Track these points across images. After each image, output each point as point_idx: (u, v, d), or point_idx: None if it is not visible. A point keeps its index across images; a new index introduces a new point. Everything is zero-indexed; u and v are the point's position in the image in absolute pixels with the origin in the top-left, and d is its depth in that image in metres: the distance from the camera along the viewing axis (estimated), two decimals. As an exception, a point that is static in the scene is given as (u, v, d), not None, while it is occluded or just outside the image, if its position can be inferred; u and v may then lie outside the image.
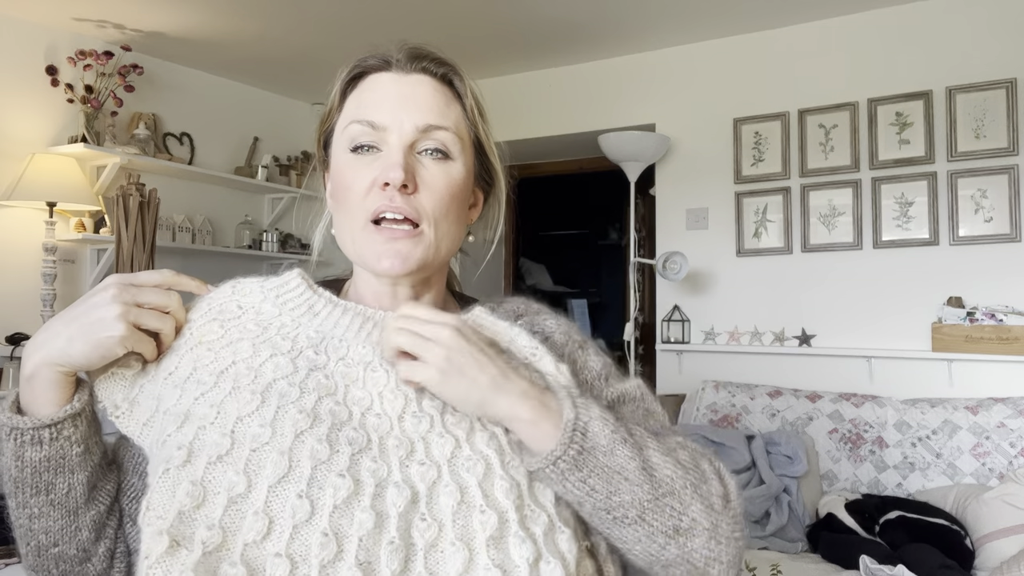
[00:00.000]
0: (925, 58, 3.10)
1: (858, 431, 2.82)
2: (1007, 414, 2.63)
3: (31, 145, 3.25)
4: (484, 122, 0.82)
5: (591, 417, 0.68)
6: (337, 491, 0.60)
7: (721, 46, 3.53)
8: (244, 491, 0.60)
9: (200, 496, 0.60)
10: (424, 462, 0.65)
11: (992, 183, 2.97)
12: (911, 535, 2.32)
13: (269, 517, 0.59)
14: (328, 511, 0.60)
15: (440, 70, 0.79)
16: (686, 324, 3.50)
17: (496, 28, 3.43)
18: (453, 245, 0.80)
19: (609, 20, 3.34)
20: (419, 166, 0.75)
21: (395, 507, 0.61)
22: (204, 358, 0.71)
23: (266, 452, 0.62)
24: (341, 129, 0.78)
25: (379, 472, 0.63)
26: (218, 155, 4.05)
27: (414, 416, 0.69)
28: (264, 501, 0.60)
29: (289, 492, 0.60)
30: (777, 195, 3.37)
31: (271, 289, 0.78)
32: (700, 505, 0.69)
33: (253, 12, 3.24)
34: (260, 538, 0.59)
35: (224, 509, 0.60)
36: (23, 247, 3.24)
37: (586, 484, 0.67)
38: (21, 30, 3.24)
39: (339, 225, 0.79)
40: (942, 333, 2.92)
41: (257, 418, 0.64)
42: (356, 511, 0.60)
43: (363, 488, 0.61)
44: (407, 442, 0.66)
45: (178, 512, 0.60)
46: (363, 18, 3.28)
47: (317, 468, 0.61)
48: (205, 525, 0.59)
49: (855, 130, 3.21)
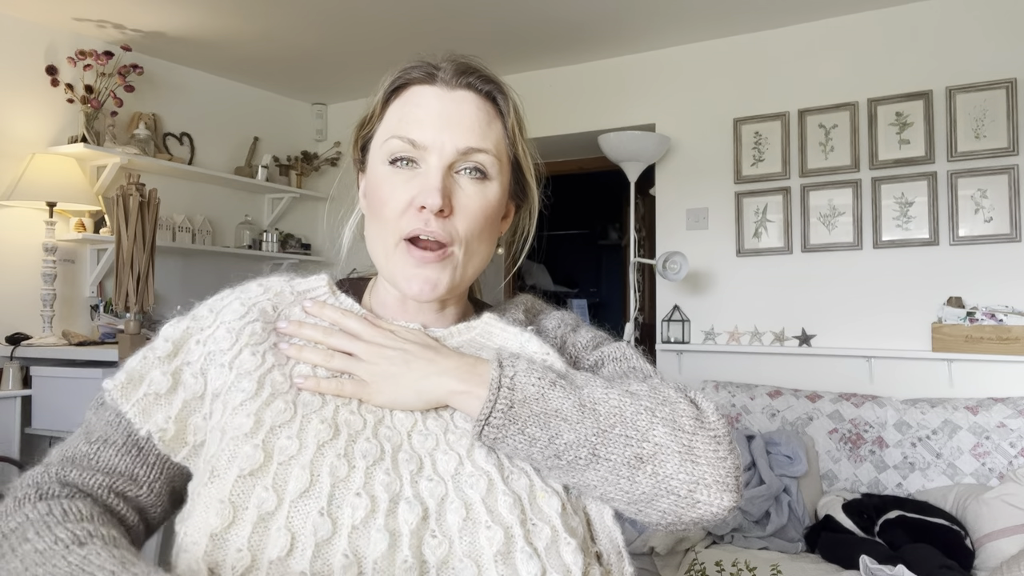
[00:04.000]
0: (925, 58, 3.10)
1: (858, 431, 2.82)
2: (1007, 414, 2.63)
3: (31, 145, 3.25)
4: (523, 139, 0.82)
5: (516, 370, 0.69)
6: (355, 511, 0.61)
7: (721, 46, 3.53)
8: (273, 509, 0.61)
9: (230, 515, 0.61)
10: (432, 478, 0.65)
11: (992, 183, 2.97)
12: (911, 535, 2.32)
13: (291, 532, 0.59)
14: (347, 531, 0.60)
15: (485, 87, 0.78)
16: (686, 324, 3.50)
17: (496, 28, 3.43)
18: (481, 263, 0.80)
19: (609, 20, 3.34)
20: (456, 187, 0.75)
21: (407, 524, 0.61)
22: (247, 363, 0.71)
23: (291, 466, 0.63)
24: (381, 141, 0.78)
25: (392, 486, 0.63)
26: (218, 155, 4.05)
27: (421, 434, 0.70)
28: (287, 516, 0.60)
29: (311, 508, 0.60)
30: (777, 195, 3.37)
31: (300, 293, 0.80)
32: (663, 428, 0.67)
33: (253, 12, 3.24)
34: (284, 554, 0.59)
35: (253, 527, 0.60)
36: (23, 247, 3.24)
37: (524, 434, 0.67)
38: (21, 30, 3.24)
39: (371, 235, 0.79)
40: (942, 333, 2.92)
41: (287, 429, 0.65)
42: (372, 531, 0.60)
43: (378, 505, 0.62)
44: (416, 457, 0.67)
45: (210, 535, 0.60)
46: (363, 18, 3.28)
47: (336, 486, 0.62)
48: (235, 547, 0.59)
49: (855, 130, 3.21)
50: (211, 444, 0.67)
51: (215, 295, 0.79)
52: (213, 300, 0.78)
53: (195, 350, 0.74)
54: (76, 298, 3.43)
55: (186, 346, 0.74)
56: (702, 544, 2.53)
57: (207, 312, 0.77)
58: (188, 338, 0.75)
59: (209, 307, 0.78)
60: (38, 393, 2.93)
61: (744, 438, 2.72)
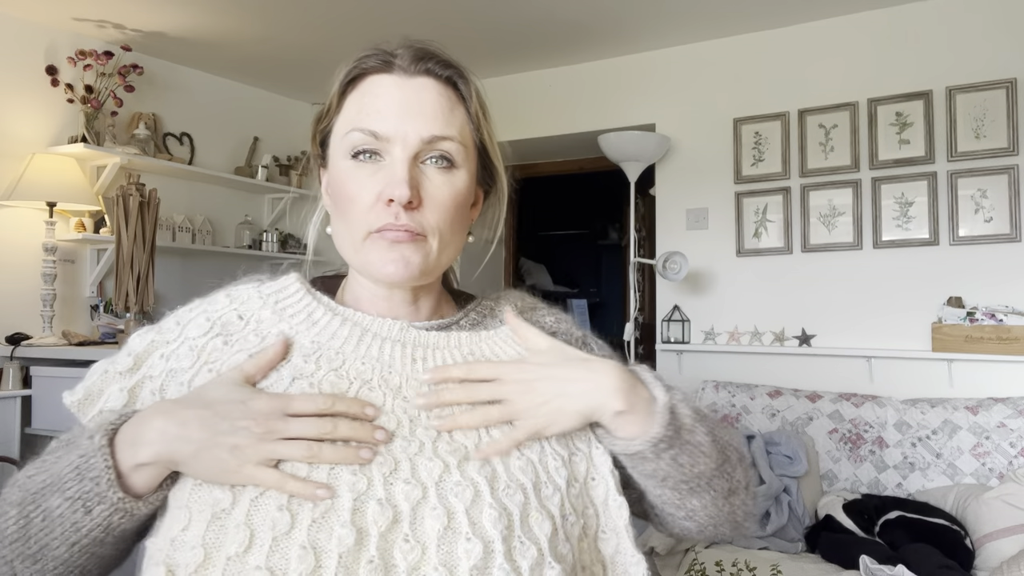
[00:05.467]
0: (925, 58, 3.10)
1: (858, 431, 2.82)
2: (1007, 414, 2.63)
3: (31, 145, 3.25)
4: (488, 123, 0.80)
5: (676, 400, 0.73)
6: (316, 505, 0.60)
7: (721, 46, 3.53)
8: (229, 506, 0.61)
9: (187, 518, 0.61)
10: (409, 481, 0.63)
11: (992, 183, 2.97)
12: (911, 535, 2.32)
13: (250, 529, 0.59)
14: (307, 524, 0.59)
15: (445, 72, 0.76)
16: (686, 324, 3.50)
17: (496, 28, 3.43)
18: (454, 252, 0.79)
19: (609, 20, 3.34)
20: (423, 178, 0.73)
21: (376, 525, 0.60)
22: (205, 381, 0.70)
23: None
24: (342, 134, 0.75)
25: (358, 485, 0.62)
26: (218, 155, 4.05)
27: (404, 439, 0.67)
28: (246, 514, 0.60)
29: (270, 505, 0.60)
30: (777, 195, 3.37)
31: (269, 295, 0.76)
32: (741, 466, 0.78)
33: (253, 12, 3.24)
34: (242, 551, 0.59)
35: (207, 525, 0.60)
36: (23, 247, 3.24)
37: (676, 461, 0.72)
38: (21, 30, 3.24)
39: (338, 231, 0.77)
40: (942, 333, 2.92)
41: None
42: (335, 526, 0.59)
43: (341, 502, 0.61)
44: (391, 460, 0.65)
45: (170, 540, 0.61)
46: (363, 18, 3.28)
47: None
48: (189, 545, 0.60)
49: (855, 130, 3.21)
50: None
51: (185, 305, 0.77)
52: (181, 312, 0.76)
53: (158, 364, 0.72)
54: (76, 298, 3.44)
55: (149, 360, 0.73)
56: (702, 544, 2.53)
57: (173, 324, 0.75)
58: (152, 351, 0.73)
59: (176, 319, 0.75)
60: (38, 393, 2.93)
61: (744, 438, 2.72)
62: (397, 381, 0.71)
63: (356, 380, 0.70)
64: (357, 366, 0.71)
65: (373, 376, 0.71)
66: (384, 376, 0.71)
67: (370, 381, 0.70)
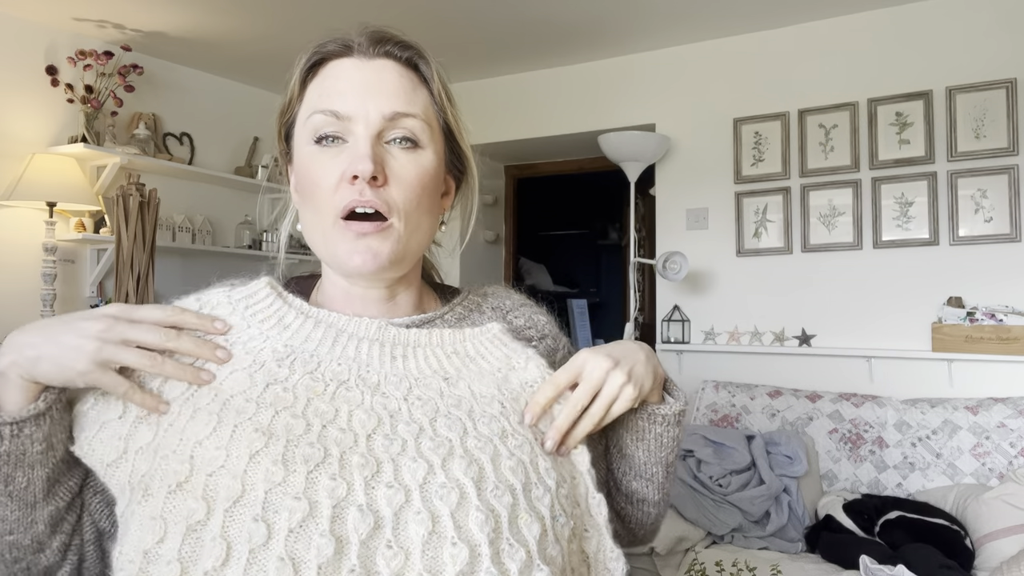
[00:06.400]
0: (925, 58, 3.10)
1: (858, 431, 2.82)
2: (1007, 414, 2.63)
3: (31, 145, 3.25)
4: (452, 106, 0.78)
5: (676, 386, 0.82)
6: (292, 514, 0.58)
7: (721, 46, 3.53)
8: (204, 518, 0.59)
9: (162, 530, 0.60)
10: (392, 484, 0.61)
11: (992, 183, 2.97)
12: (911, 535, 2.32)
13: (227, 542, 0.57)
14: (283, 535, 0.57)
15: (405, 54, 0.76)
16: (686, 324, 3.50)
17: (495, 28, 3.43)
18: (425, 237, 0.77)
19: (609, 20, 3.34)
20: (388, 156, 0.72)
21: (356, 533, 0.58)
22: (174, 388, 0.68)
23: (221, 476, 0.60)
24: (303, 120, 0.75)
25: (337, 491, 0.60)
26: (218, 155, 4.05)
27: (386, 438, 0.65)
28: (221, 526, 0.58)
29: (245, 516, 0.58)
30: (777, 195, 3.37)
31: (239, 300, 0.74)
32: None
33: (253, 12, 3.24)
34: (220, 564, 0.57)
35: (183, 538, 0.59)
36: (23, 247, 3.24)
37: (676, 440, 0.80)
38: (21, 30, 3.24)
39: (307, 222, 0.76)
40: (942, 333, 2.92)
41: (214, 439, 0.62)
42: (314, 535, 0.57)
43: (320, 510, 0.58)
44: (373, 461, 0.62)
45: (144, 552, 0.59)
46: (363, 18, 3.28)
47: (271, 491, 0.59)
48: (164, 560, 0.58)
49: (855, 130, 3.21)
50: (140, 464, 0.64)
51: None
52: None
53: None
54: (76, 298, 3.43)
55: None
56: (702, 544, 2.53)
57: None
58: None
59: None
60: (38, 393, 2.93)
61: (744, 438, 2.72)
62: (375, 379, 0.70)
63: (332, 382, 0.68)
64: (333, 367, 0.70)
65: (350, 376, 0.69)
66: (361, 375, 0.70)
67: (347, 381, 0.69)
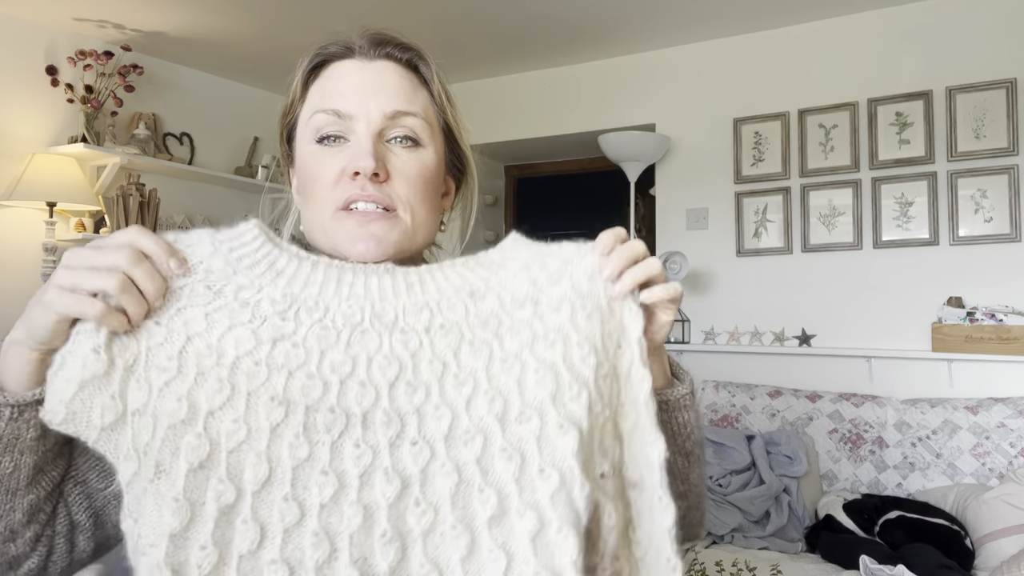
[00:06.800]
0: (925, 58, 3.10)
1: (858, 431, 2.82)
2: (1007, 414, 2.63)
3: (31, 145, 3.25)
4: (452, 107, 0.79)
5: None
6: (322, 489, 0.57)
7: (721, 46, 3.53)
8: (233, 500, 0.56)
9: (187, 513, 0.55)
10: (416, 441, 0.59)
11: (992, 183, 2.97)
12: (911, 535, 2.32)
13: (259, 524, 0.56)
14: (316, 511, 0.56)
15: (405, 55, 0.77)
16: (686, 324, 3.50)
17: (495, 28, 3.43)
18: (429, 235, 0.76)
19: (609, 20, 3.34)
20: (389, 154, 0.73)
21: (384, 497, 0.57)
22: (156, 335, 0.60)
23: (244, 453, 0.57)
24: (305, 120, 0.75)
25: (363, 459, 0.58)
26: (218, 155, 4.05)
27: (408, 385, 0.61)
28: (251, 508, 0.56)
29: (275, 495, 0.56)
30: (777, 195, 3.37)
31: (223, 242, 0.65)
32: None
33: (253, 12, 3.24)
34: (255, 547, 0.55)
35: (215, 523, 0.56)
36: (23, 247, 3.24)
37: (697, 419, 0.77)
38: (21, 30, 3.24)
39: (308, 219, 0.75)
40: (942, 333, 2.92)
41: (230, 411, 0.58)
42: (344, 506, 0.57)
43: (348, 480, 0.57)
44: (397, 419, 0.60)
45: (169, 536, 0.55)
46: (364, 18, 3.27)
47: (299, 468, 0.57)
48: (198, 545, 0.55)
49: (855, 130, 3.21)
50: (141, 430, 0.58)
51: None
52: None
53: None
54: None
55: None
56: (702, 544, 2.53)
57: None
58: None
59: None
60: (38, 393, 2.93)
61: (744, 438, 2.72)
62: (392, 315, 0.64)
63: (345, 327, 0.63)
64: (343, 310, 0.64)
65: (363, 316, 0.63)
66: (376, 312, 0.64)
67: (361, 323, 0.63)
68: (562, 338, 0.63)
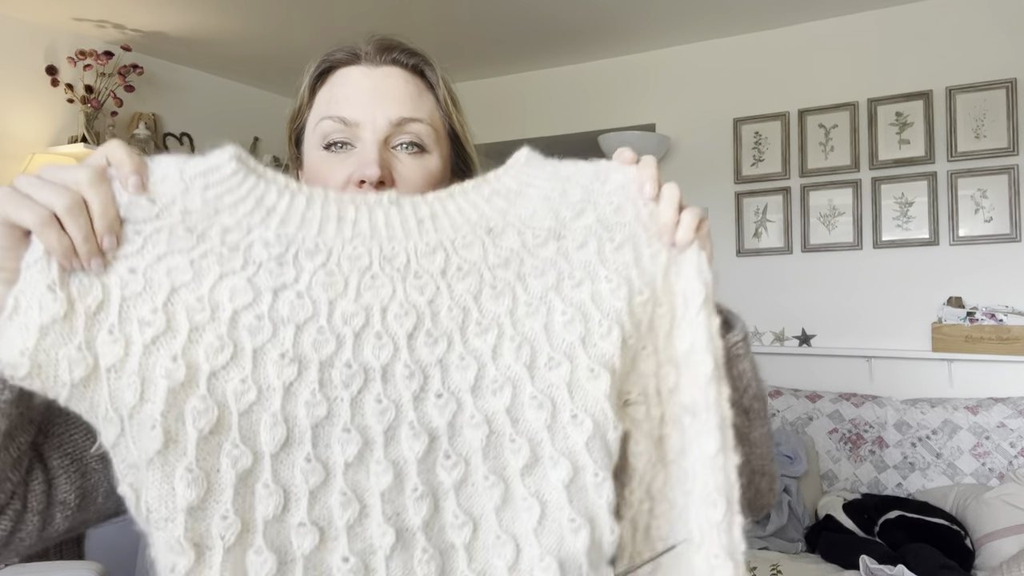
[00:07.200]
0: (925, 58, 3.10)
1: (858, 431, 2.82)
2: (1007, 414, 2.63)
3: (31, 145, 3.25)
4: (458, 111, 0.80)
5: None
6: (346, 447, 0.54)
7: (721, 46, 3.53)
8: (251, 466, 0.52)
9: (204, 483, 0.51)
10: (441, 394, 0.56)
11: (992, 183, 2.97)
12: (911, 535, 2.32)
13: (282, 487, 0.53)
14: (341, 470, 0.54)
15: (411, 61, 0.78)
16: (686, 324, 3.50)
17: (496, 28, 3.43)
18: None
19: (609, 20, 3.34)
20: (395, 161, 0.74)
21: (412, 452, 0.55)
22: (131, 284, 0.53)
23: (257, 415, 0.53)
24: (312, 126, 0.77)
25: (387, 415, 0.55)
26: (218, 155, 4.04)
27: (428, 335, 0.57)
28: (271, 471, 0.53)
29: (296, 457, 0.53)
30: (777, 195, 3.37)
31: (195, 178, 0.57)
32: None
33: (253, 12, 3.24)
34: (280, 512, 0.53)
35: (234, 491, 0.52)
36: (23, 247, 3.24)
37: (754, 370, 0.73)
38: (21, 30, 3.24)
39: None
40: (942, 333, 2.92)
41: (235, 371, 0.53)
42: (371, 464, 0.55)
43: (372, 437, 0.55)
44: (419, 371, 0.56)
45: (187, 510, 0.51)
46: (364, 17, 3.28)
47: (318, 427, 0.54)
48: (219, 515, 0.52)
49: (855, 130, 3.21)
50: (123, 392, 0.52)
51: None
52: None
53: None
54: (76, 298, 3.43)
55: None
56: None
57: None
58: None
59: None
60: (38, 393, 2.92)
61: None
62: (403, 257, 0.59)
63: (352, 272, 0.57)
64: (348, 252, 0.58)
65: (372, 259, 0.58)
66: (385, 255, 0.58)
67: (370, 268, 0.58)
68: (590, 276, 0.60)
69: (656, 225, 0.62)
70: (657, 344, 0.61)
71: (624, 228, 0.62)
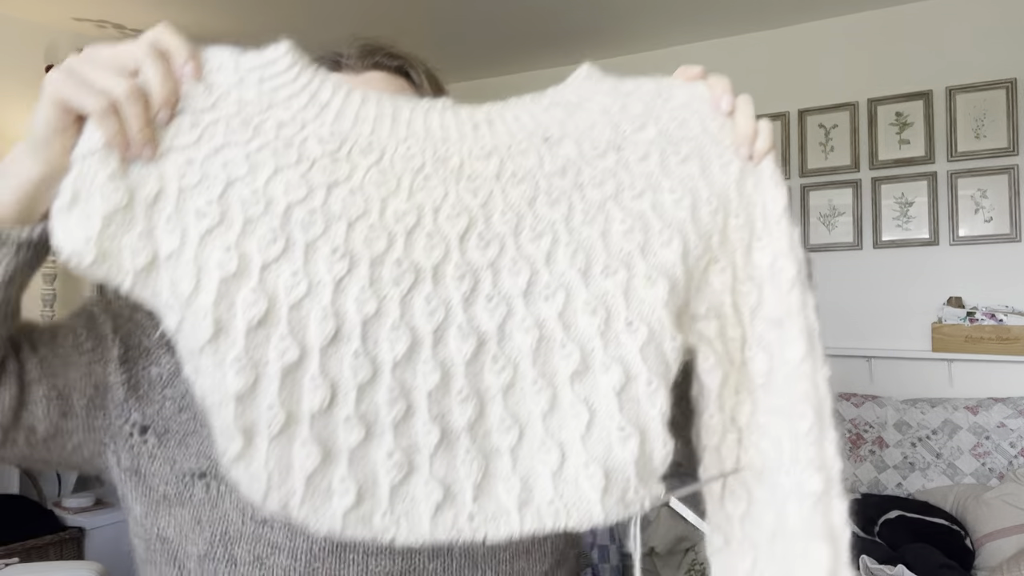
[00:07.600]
0: (925, 58, 3.10)
1: (858, 431, 2.82)
2: (1007, 414, 2.63)
3: (31, 145, 3.25)
4: None
5: None
6: (395, 345, 0.53)
7: (721, 46, 3.53)
8: (297, 359, 0.52)
9: (252, 374, 0.52)
10: (492, 297, 0.55)
11: (992, 183, 2.97)
12: (911, 535, 2.32)
13: (330, 382, 0.53)
14: (389, 368, 0.54)
15: (394, 63, 0.77)
16: (686, 324, 3.50)
17: (496, 28, 3.43)
18: None
19: (609, 20, 3.34)
20: None
21: (460, 354, 0.54)
22: (189, 175, 0.54)
23: (306, 308, 0.53)
24: None
25: (436, 315, 0.54)
26: (218, 155, 4.05)
27: (480, 238, 0.56)
28: (319, 365, 0.53)
29: (344, 352, 0.53)
30: (777, 195, 3.37)
31: (251, 71, 0.58)
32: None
33: (253, 12, 3.24)
34: (327, 406, 0.53)
35: (281, 382, 0.52)
36: (23, 247, 3.24)
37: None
38: (21, 30, 3.24)
39: None
40: (942, 333, 2.92)
41: (287, 264, 0.53)
42: (418, 364, 0.54)
43: (421, 337, 0.54)
44: (470, 274, 0.56)
45: (236, 397, 0.52)
46: (364, 17, 3.28)
47: (368, 323, 0.54)
48: (266, 405, 0.52)
49: (855, 130, 3.21)
50: (180, 279, 0.53)
51: None
52: None
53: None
54: (77, 299, 3.43)
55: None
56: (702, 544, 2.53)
57: None
58: None
59: None
60: (38, 393, 2.92)
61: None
62: (456, 160, 0.58)
63: (405, 172, 0.57)
64: (401, 152, 0.57)
65: (424, 161, 0.58)
66: (439, 156, 0.58)
67: (422, 168, 0.57)
68: (651, 187, 0.59)
69: (730, 138, 0.62)
70: (734, 260, 0.60)
71: (690, 142, 0.61)
